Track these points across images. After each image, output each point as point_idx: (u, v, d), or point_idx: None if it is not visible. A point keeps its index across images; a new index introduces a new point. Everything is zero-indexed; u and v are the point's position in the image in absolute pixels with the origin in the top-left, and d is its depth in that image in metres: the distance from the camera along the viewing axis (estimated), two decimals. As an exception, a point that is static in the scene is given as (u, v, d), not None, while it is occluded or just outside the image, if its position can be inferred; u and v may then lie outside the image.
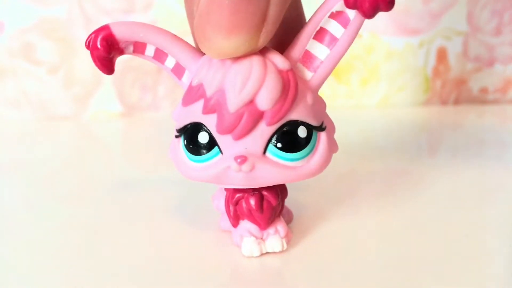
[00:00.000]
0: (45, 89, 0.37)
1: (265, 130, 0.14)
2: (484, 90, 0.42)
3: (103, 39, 0.14)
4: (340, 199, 0.21)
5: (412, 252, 0.17)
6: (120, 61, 0.38)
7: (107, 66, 0.15)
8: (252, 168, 0.14)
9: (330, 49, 0.14)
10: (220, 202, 0.18)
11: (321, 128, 0.15)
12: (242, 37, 0.13)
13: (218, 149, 0.14)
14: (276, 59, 0.14)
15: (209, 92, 0.14)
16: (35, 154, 0.30)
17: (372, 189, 0.23)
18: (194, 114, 0.14)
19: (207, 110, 0.14)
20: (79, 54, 0.37)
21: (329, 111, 0.16)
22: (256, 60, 0.14)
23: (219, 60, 0.14)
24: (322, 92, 0.15)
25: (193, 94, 0.14)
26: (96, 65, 0.14)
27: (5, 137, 0.34)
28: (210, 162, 0.15)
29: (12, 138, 0.34)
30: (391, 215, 0.19)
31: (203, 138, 0.15)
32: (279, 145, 0.14)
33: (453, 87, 0.42)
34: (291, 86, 0.14)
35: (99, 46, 0.14)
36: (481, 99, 0.43)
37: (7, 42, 0.36)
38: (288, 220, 0.18)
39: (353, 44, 0.15)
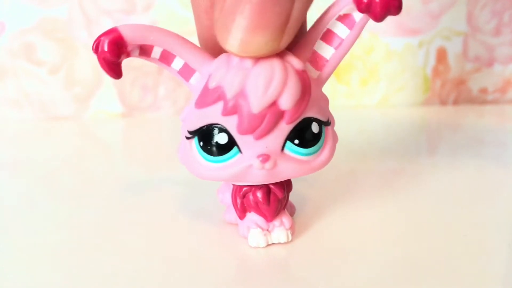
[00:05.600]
0: (46, 89, 0.37)
1: (284, 129, 0.15)
2: (483, 90, 0.42)
3: (112, 42, 0.14)
4: (340, 197, 0.21)
5: (411, 251, 0.17)
6: (121, 62, 0.38)
7: (115, 70, 0.14)
8: (274, 166, 0.15)
9: (335, 49, 0.15)
10: (225, 196, 0.18)
11: (327, 123, 0.16)
12: (266, 37, 0.13)
13: (237, 149, 0.15)
14: (293, 60, 0.14)
15: (229, 94, 0.14)
16: (35, 154, 0.30)
17: (372, 188, 0.23)
18: (211, 116, 0.15)
19: (227, 112, 0.14)
20: (79, 54, 0.37)
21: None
22: (276, 62, 0.14)
23: (237, 62, 0.14)
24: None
25: (210, 96, 0.14)
26: (104, 69, 0.14)
27: (5, 137, 0.34)
28: (228, 162, 0.15)
29: (12, 138, 0.34)
30: (390, 214, 0.20)
31: (221, 139, 0.15)
32: (296, 141, 0.15)
33: (452, 87, 0.42)
34: (307, 86, 0.14)
35: (107, 49, 0.14)
36: (480, 99, 0.43)
37: (8, 43, 0.36)
38: (291, 214, 0.19)
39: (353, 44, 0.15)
